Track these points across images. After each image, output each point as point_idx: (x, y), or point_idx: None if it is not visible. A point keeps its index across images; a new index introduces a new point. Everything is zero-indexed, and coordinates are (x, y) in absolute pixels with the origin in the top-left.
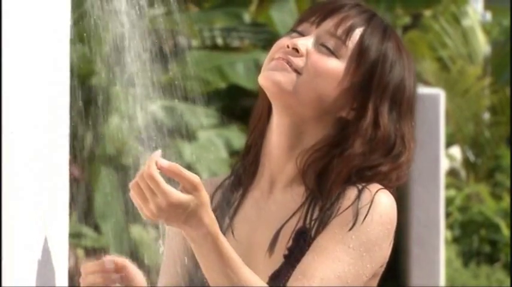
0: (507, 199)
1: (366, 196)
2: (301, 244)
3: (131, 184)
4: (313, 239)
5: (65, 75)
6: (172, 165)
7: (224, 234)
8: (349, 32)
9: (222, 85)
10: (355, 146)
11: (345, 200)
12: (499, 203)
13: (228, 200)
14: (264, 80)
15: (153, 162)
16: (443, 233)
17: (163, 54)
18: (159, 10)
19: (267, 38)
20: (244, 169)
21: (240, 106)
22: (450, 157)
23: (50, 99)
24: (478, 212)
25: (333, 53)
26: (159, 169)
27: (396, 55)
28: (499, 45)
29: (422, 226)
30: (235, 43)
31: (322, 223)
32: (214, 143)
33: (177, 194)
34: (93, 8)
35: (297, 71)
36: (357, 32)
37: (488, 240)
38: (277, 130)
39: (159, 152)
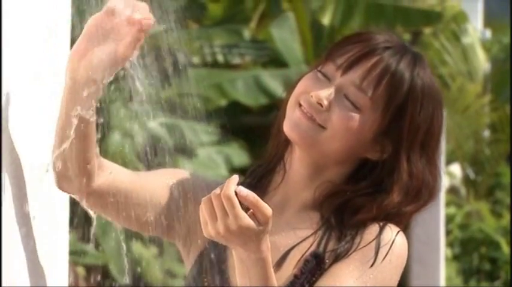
0: (507, 216)
1: (387, 234)
2: (313, 266)
3: (204, 199)
4: (329, 266)
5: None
6: (250, 194)
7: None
8: (375, 86)
9: (222, 102)
10: (393, 195)
11: (365, 234)
12: (499, 221)
13: None
14: (289, 131)
15: (232, 184)
16: (443, 251)
17: (164, 71)
18: (159, 27)
19: (267, 55)
20: (259, 179)
21: (240, 123)
22: (450, 175)
23: (51, 112)
24: (478, 229)
25: (356, 107)
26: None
27: (425, 95)
28: (498, 62)
29: (422, 244)
30: (236, 60)
31: (341, 253)
32: (214, 160)
33: (249, 221)
34: None
35: (321, 126)
36: (383, 84)
37: (488, 258)
38: (298, 160)
39: (236, 177)
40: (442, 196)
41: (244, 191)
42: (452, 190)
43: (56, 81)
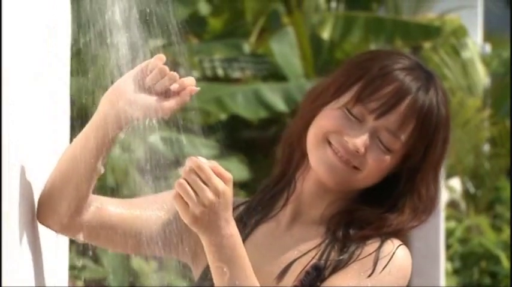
0: (507, 230)
1: (388, 247)
2: (313, 278)
3: (177, 183)
4: (327, 277)
5: (65, 104)
6: (212, 162)
7: None
8: (409, 132)
9: (222, 116)
10: (404, 214)
11: (366, 247)
12: (499, 235)
13: (244, 223)
14: (323, 173)
15: (195, 158)
16: (443, 265)
17: None
18: (159, 41)
19: (267, 69)
20: (270, 197)
21: (240, 137)
22: (450, 189)
23: (50, 129)
24: (478, 244)
25: (389, 149)
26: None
27: (446, 125)
28: (498, 77)
29: (422, 258)
30: (236, 74)
31: (340, 264)
32: None
33: (224, 184)
34: (94, 40)
35: (357, 168)
36: (416, 129)
37: (488, 272)
38: (313, 182)
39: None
40: (442, 210)
41: (206, 160)
42: (453, 204)
43: (56, 81)
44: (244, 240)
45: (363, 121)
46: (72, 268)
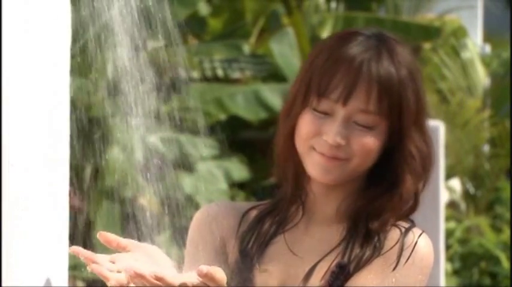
0: (507, 231)
1: (410, 238)
2: (340, 277)
3: None
4: (352, 274)
5: (65, 104)
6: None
7: (252, 263)
8: (378, 103)
9: (222, 117)
10: (407, 182)
11: (387, 240)
12: (499, 236)
13: (260, 229)
14: (321, 178)
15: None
16: (443, 266)
17: (164, 86)
18: (159, 42)
19: (267, 70)
20: (287, 206)
21: (240, 138)
22: (450, 189)
23: (50, 130)
24: (478, 244)
25: (369, 127)
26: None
27: (409, 77)
28: (498, 77)
29: None
30: (236, 75)
31: (363, 260)
32: (214, 174)
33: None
34: (93, 41)
35: (346, 159)
36: (384, 98)
37: (488, 272)
38: (321, 186)
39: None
40: (442, 211)
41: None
42: (452, 205)
43: (55, 81)
44: (265, 247)
45: (333, 113)
46: (72, 268)
